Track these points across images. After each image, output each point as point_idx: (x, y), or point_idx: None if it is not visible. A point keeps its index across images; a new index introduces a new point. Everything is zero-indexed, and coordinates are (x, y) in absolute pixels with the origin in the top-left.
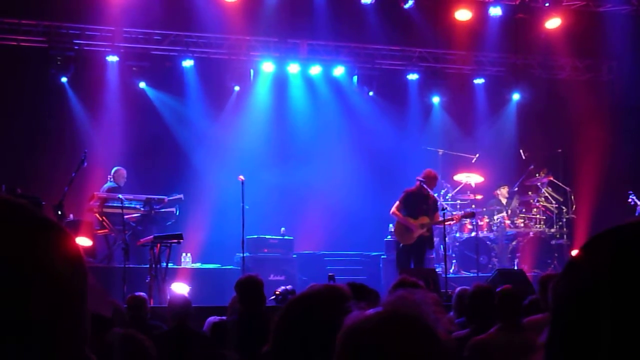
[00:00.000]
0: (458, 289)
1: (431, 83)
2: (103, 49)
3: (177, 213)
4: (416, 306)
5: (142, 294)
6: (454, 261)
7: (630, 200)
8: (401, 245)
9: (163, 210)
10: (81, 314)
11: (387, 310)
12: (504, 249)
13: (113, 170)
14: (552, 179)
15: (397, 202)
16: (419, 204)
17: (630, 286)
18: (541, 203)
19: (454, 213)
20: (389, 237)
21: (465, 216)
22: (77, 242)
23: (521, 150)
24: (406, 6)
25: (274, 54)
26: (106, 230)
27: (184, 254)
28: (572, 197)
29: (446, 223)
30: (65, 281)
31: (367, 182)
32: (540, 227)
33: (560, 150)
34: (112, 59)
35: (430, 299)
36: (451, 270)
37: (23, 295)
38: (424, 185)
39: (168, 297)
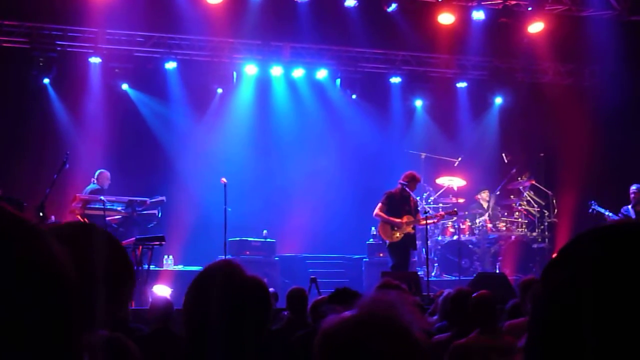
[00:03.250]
0: (446, 291)
1: (414, 86)
2: (85, 50)
3: (159, 215)
4: (391, 307)
5: None
6: (436, 264)
7: (591, 210)
8: (388, 243)
9: (145, 212)
10: (69, 314)
11: (362, 312)
12: (485, 253)
13: (97, 173)
14: (534, 182)
15: (380, 204)
16: (401, 204)
17: (610, 287)
18: (523, 207)
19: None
20: (371, 240)
21: (449, 214)
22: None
23: (503, 154)
24: (389, 9)
25: (257, 57)
26: None
27: (166, 256)
28: (554, 200)
29: (428, 222)
30: (47, 282)
31: (350, 185)
32: (522, 231)
33: (542, 154)
34: (95, 60)
35: (405, 300)
36: (433, 274)
37: (16, 297)
38: (406, 188)
39: (150, 300)
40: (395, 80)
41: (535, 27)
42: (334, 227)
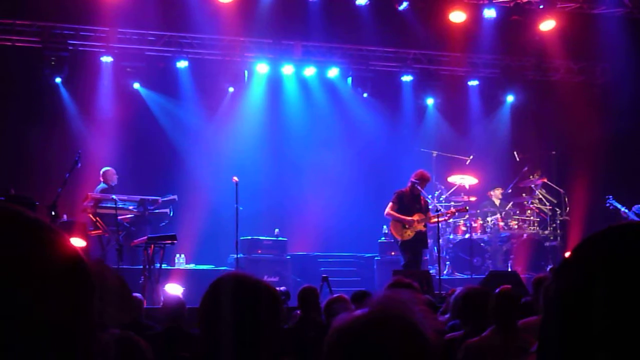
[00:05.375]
0: (458, 290)
1: (425, 85)
2: (97, 50)
3: (171, 214)
4: (403, 306)
5: (137, 295)
6: (448, 263)
7: (608, 204)
8: (400, 241)
9: (157, 211)
10: (86, 313)
11: (374, 311)
12: (497, 251)
13: (102, 171)
14: (545, 180)
15: (390, 203)
16: (412, 203)
17: (623, 285)
18: (535, 205)
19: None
20: (383, 238)
21: (459, 210)
22: (72, 242)
23: (515, 152)
24: (400, 8)
25: (268, 55)
26: (100, 231)
27: (177, 255)
28: (566, 199)
29: (440, 219)
30: (65, 280)
31: (361, 183)
32: (534, 229)
33: (554, 152)
34: (107, 59)
35: (417, 299)
36: (445, 272)
37: (20, 297)
38: (417, 186)
39: (162, 298)
40: (407, 78)
41: (547, 24)
42: (346, 226)
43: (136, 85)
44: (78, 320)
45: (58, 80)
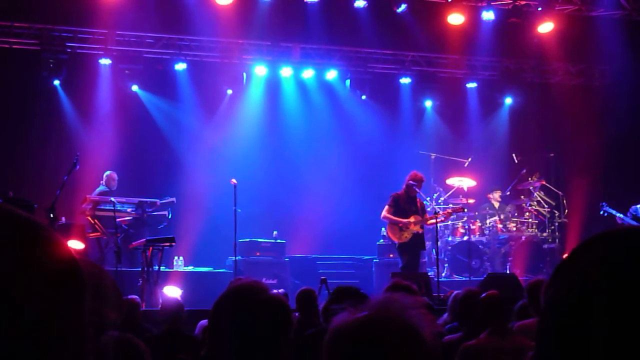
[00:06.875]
0: (455, 292)
1: (424, 87)
2: (96, 52)
3: (170, 216)
4: (401, 308)
5: (135, 297)
6: (446, 265)
7: (602, 212)
8: (397, 244)
9: (155, 213)
10: (79, 315)
11: (372, 313)
12: (496, 253)
13: (105, 175)
14: (544, 183)
15: (387, 206)
16: (407, 205)
17: (623, 288)
18: (533, 207)
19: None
20: (382, 240)
21: (455, 210)
22: (67, 243)
23: (514, 155)
24: (399, 10)
25: (267, 58)
26: (98, 234)
27: (176, 257)
28: (564, 201)
29: (438, 221)
30: (58, 282)
31: (360, 185)
32: (532, 231)
33: (552, 155)
34: (105, 61)
35: (416, 301)
36: (443, 274)
37: (15, 298)
38: (414, 188)
39: (160, 301)
40: (405, 80)
41: (545, 27)
42: (344, 228)
43: (134, 88)
44: (72, 321)
45: (56, 82)
